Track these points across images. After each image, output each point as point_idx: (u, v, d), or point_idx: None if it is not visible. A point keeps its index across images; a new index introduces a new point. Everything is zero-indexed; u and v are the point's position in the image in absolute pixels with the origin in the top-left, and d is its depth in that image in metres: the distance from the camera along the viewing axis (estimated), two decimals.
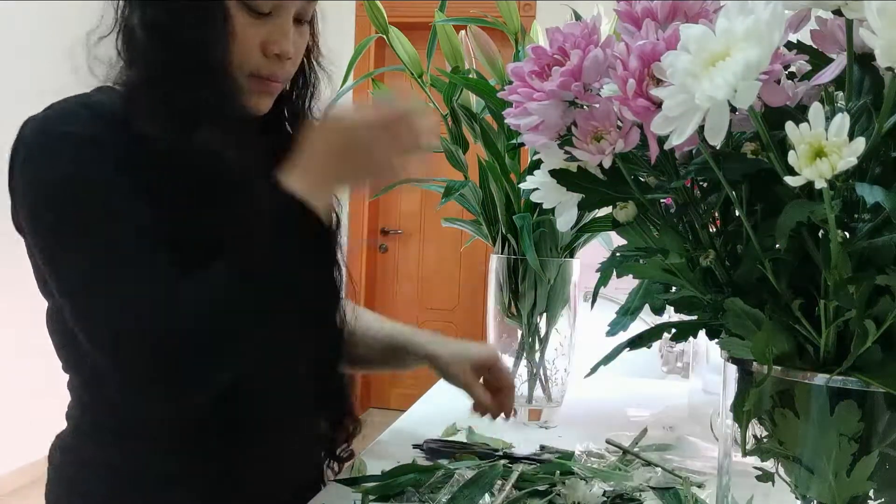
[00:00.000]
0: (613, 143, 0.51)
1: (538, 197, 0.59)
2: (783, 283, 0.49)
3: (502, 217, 1.15)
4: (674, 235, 0.54)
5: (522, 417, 1.15)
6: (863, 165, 0.45)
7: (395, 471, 0.86)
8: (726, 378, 0.55)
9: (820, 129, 0.39)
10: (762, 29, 0.41)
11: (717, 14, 0.49)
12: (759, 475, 0.53)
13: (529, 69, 0.56)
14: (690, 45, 0.43)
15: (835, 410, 0.47)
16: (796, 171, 0.40)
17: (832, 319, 0.47)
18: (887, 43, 0.39)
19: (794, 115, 0.43)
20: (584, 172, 0.55)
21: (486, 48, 1.14)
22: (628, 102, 0.48)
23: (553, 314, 1.15)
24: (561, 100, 0.54)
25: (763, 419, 0.52)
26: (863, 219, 0.45)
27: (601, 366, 0.59)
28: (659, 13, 0.52)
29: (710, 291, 0.54)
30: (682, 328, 0.57)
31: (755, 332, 0.49)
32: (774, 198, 0.47)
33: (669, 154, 0.52)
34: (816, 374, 0.47)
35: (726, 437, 0.56)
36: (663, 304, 0.58)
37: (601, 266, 0.59)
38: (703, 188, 0.54)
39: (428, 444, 0.98)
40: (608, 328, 0.60)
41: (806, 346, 0.49)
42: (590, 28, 0.54)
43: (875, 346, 0.45)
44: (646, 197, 0.54)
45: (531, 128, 0.56)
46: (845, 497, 0.48)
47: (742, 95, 0.41)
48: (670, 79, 0.44)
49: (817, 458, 0.48)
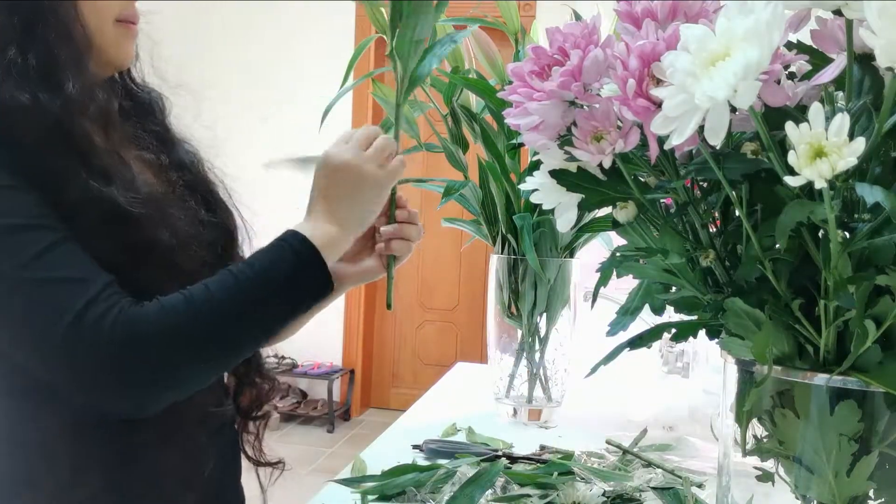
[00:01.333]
0: (613, 143, 0.51)
1: (538, 198, 0.59)
2: (783, 283, 0.49)
3: (502, 217, 1.15)
4: (674, 235, 0.54)
5: (522, 417, 1.16)
6: (863, 165, 0.45)
7: (395, 471, 0.86)
8: (726, 378, 0.55)
9: (820, 129, 0.39)
10: (762, 29, 0.41)
11: (717, 14, 0.49)
12: (759, 475, 0.53)
13: (529, 69, 0.56)
14: (690, 45, 0.43)
15: (835, 410, 0.47)
16: (796, 171, 0.40)
17: (832, 319, 0.47)
18: (887, 43, 0.39)
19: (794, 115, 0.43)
20: (583, 173, 0.55)
21: (486, 48, 1.14)
22: (628, 102, 0.48)
23: (553, 314, 1.15)
24: (561, 100, 0.54)
25: (763, 419, 0.52)
26: (863, 219, 0.45)
27: (601, 366, 0.59)
28: (659, 13, 0.53)
29: (710, 291, 0.54)
30: (682, 328, 0.57)
31: (755, 332, 0.49)
32: (774, 198, 0.47)
33: (669, 154, 0.52)
34: (816, 374, 0.47)
35: (726, 437, 0.56)
36: (663, 304, 0.58)
37: (601, 266, 0.59)
38: (703, 188, 0.55)
39: (428, 444, 0.98)
40: (608, 328, 0.60)
41: (806, 346, 0.49)
42: (590, 28, 0.54)
43: (875, 346, 0.45)
44: (646, 197, 0.54)
45: (531, 128, 0.56)
46: (845, 497, 0.48)
47: (742, 95, 0.41)
48: (670, 79, 0.44)
49: (817, 458, 0.48)
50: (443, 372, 1.58)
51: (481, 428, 1.06)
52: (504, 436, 1.04)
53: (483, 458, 0.91)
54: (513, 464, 0.91)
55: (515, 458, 0.93)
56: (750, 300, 0.49)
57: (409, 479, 0.83)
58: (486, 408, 1.20)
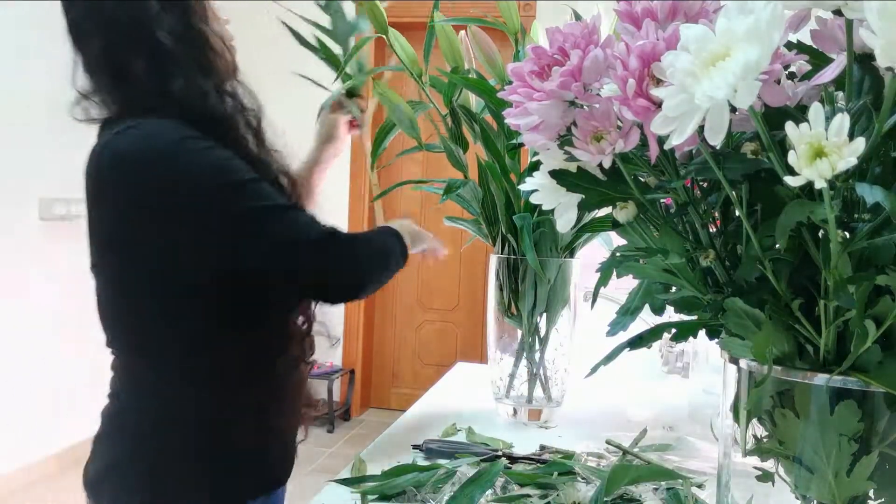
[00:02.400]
0: (613, 143, 0.51)
1: (538, 198, 0.59)
2: (783, 283, 0.49)
3: (502, 217, 1.15)
4: (674, 235, 0.54)
5: (522, 417, 1.16)
6: (863, 165, 0.45)
7: (395, 471, 0.86)
8: (726, 378, 0.55)
9: (820, 129, 0.39)
10: (762, 29, 0.41)
11: (717, 14, 0.49)
12: (759, 475, 0.53)
13: (529, 69, 0.56)
14: (690, 45, 0.43)
15: (835, 410, 0.47)
16: (796, 171, 0.40)
17: (832, 319, 0.47)
18: (887, 43, 0.39)
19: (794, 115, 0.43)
20: (583, 173, 0.55)
21: (486, 48, 1.14)
22: (628, 102, 0.48)
23: (553, 314, 1.15)
24: (561, 100, 0.54)
25: (763, 419, 0.52)
26: (863, 219, 0.45)
27: (601, 366, 0.59)
28: (659, 13, 0.52)
29: (710, 291, 0.54)
30: (682, 328, 0.57)
31: (755, 332, 0.49)
32: (774, 198, 0.47)
33: (669, 154, 0.52)
34: (816, 374, 0.47)
35: (726, 437, 0.56)
36: (663, 304, 0.58)
37: (601, 266, 0.59)
38: (703, 188, 0.55)
39: (428, 444, 0.98)
40: (608, 328, 0.60)
41: (806, 346, 0.49)
42: (590, 28, 0.54)
43: (875, 346, 0.45)
44: (646, 197, 0.54)
45: (531, 128, 0.56)
46: (845, 497, 0.48)
47: (742, 95, 0.41)
48: (670, 79, 0.44)
49: (817, 458, 0.48)
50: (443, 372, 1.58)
51: (481, 428, 1.06)
52: (504, 436, 1.04)
53: (483, 458, 0.91)
54: (513, 464, 0.91)
55: (515, 458, 0.93)
56: (750, 300, 0.49)
57: (409, 479, 0.83)
58: (486, 408, 1.20)
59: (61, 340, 3.23)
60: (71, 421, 3.28)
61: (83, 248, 0.96)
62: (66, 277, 3.17)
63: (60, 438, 3.29)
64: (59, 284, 3.17)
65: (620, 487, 0.79)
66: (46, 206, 3.17)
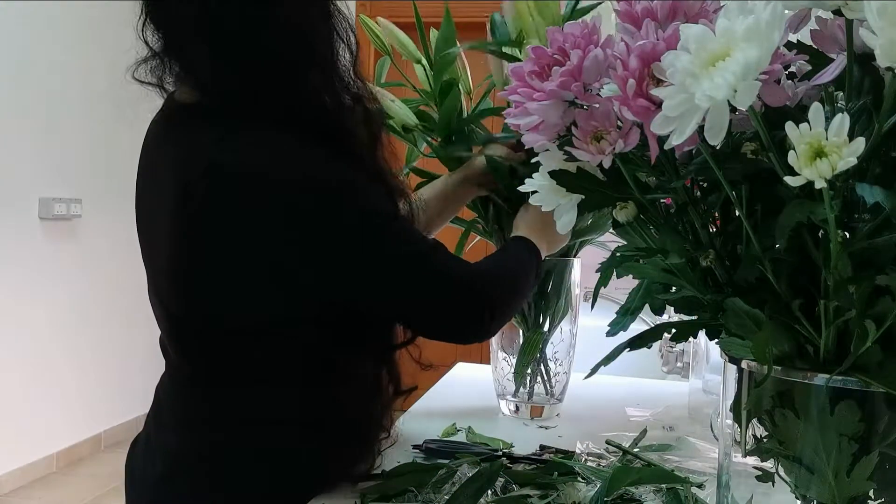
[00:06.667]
0: (613, 143, 0.51)
1: (537, 200, 0.59)
2: (783, 283, 0.49)
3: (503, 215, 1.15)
4: (674, 235, 0.54)
5: (524, 414, 1.16)
6: (863, 165, 0.45)
7: (395, 471, 0.86)
8: (726, 378, 0.55)
9: (820, 129, 0.39)
10: (762, 29, 0.41)
11: (717, 14, 0.49)
12: (759, 475, 0.53)
13: (529, 69, 0.56)
14: (690, 45, 0.43)
15: (835, 410, 0.47)
16: (796, 171, 0.40)
17: (832, 319, 0.47)
18: (887, 43, 0.39)
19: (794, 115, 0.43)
20: (583, 173, 0.55)
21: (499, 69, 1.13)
22: (628, 102, 0.48)
23: (553, 314, 1.15)
24: (561, 100, 0.54)
25: (763, 419, 0.52)
26: (863, 219, 0.45)
27: (601, 366, 0.59)
28: (659, 13, 0.52)
29: (710, 291, 0.54)
30: (682, 328, 0.57)
31: (755, 332, 0.49)
32: (774, 198, 0.47)
33: (669, 154, 0.52)
34: (816, 374, 0.47)
35: (726, 437, 0.56)
36: (663, 304, 0.59)
37: (601, 266, 0.59)
38: (703, 188, 0.55)
39: (428, 444, 0.98)
40: (608, 328, 0.60)
41: (806, 346, 0.49)
42: (590, 28, 0.54)
43: (875, 346, 0.45)
44: (646, 197, 0.54)
45: (531, 128, 0.56)
46: (845, 497, 0.48)
47: (742, 95, 0.41)
48: (670, 79, 0.44)
49: (817, 458, 0.48)
50: (443, 372, 1.58)
51: (481, 428, 1.06)
52: (504, 435, 1.04)
53: (483, 458, 0.91)
54: (513, 464, 0.91)
55: (515, 458, 0.93)
56: (750, 300, 0.49)
57: (409, 479, 0.83)
58: (486, 407, 1.20)
59: (61, 340, 3.23)
60: (71, 421, 3.29)
61: (83, 248, 0.94)
62: (66, 277, 3.18)
63: (60, 438, 3.29)
64: (58, 284, 3.18)
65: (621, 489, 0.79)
66: (46, 206, 3.17)
